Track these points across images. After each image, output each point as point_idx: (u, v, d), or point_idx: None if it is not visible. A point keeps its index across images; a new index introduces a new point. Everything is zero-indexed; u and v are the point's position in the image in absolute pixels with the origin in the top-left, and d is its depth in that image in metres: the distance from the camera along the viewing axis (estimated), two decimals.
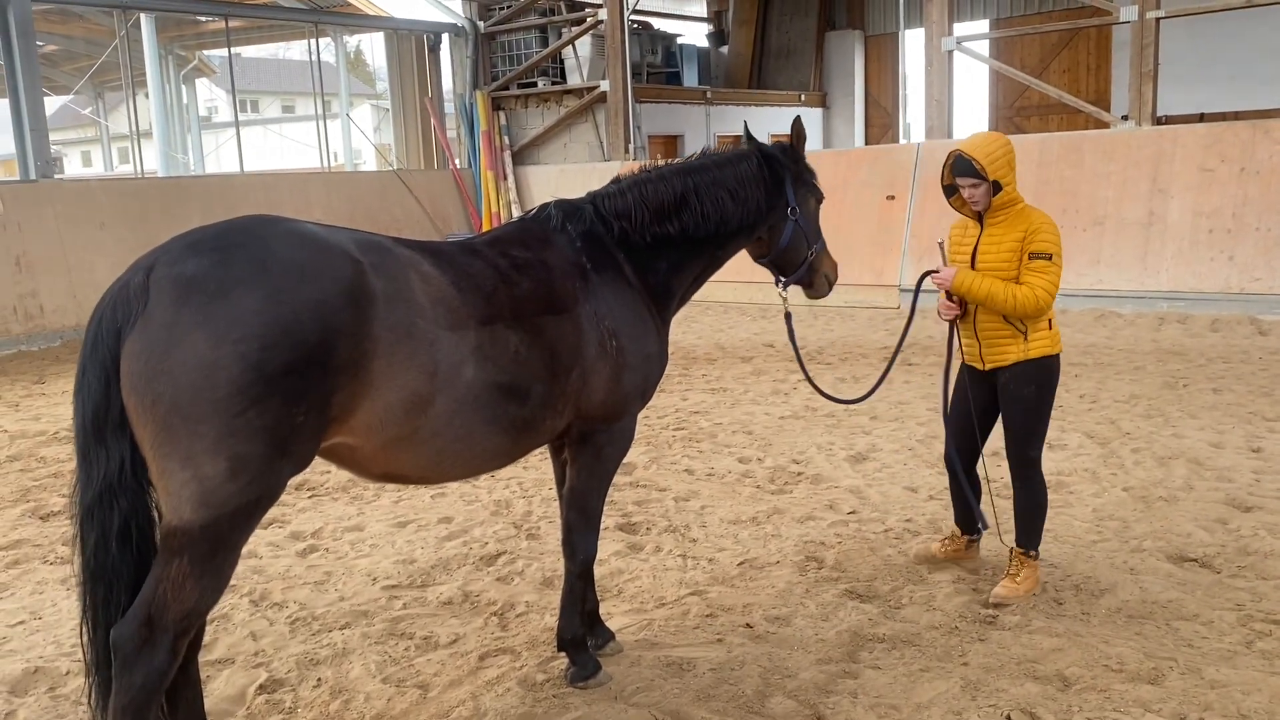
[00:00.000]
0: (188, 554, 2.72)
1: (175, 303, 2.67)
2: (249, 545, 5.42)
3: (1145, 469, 6.16)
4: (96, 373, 2.73)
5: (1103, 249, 12.36)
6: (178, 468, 2.68)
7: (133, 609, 2.78)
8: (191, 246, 2.79)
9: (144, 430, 2.69)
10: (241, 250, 2.78)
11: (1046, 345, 4.37)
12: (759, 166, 4.00)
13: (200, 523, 2.70)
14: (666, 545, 5.23)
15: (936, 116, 14.43)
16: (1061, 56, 21.62)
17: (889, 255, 13.67)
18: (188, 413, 2.64)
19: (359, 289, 2.89)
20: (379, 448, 3.06)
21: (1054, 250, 4.27)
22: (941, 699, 3.58)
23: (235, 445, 2.67)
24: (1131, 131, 12.87)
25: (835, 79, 24.85)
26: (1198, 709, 3.44)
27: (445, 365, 3.08)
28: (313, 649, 4.20)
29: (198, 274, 2.70)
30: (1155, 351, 9.81)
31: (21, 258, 12.83)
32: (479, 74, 19.51)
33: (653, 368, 3.81)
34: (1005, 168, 4.30)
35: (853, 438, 7.18)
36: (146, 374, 2.65)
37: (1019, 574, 4.42)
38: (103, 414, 2.73)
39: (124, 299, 2.72)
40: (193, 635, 2.92)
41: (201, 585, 2.76)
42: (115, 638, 2.76)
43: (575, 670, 3.82)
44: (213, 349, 2.64)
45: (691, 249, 3.91)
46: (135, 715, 2.74)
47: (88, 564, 2.83)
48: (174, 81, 26.09)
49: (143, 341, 2.66)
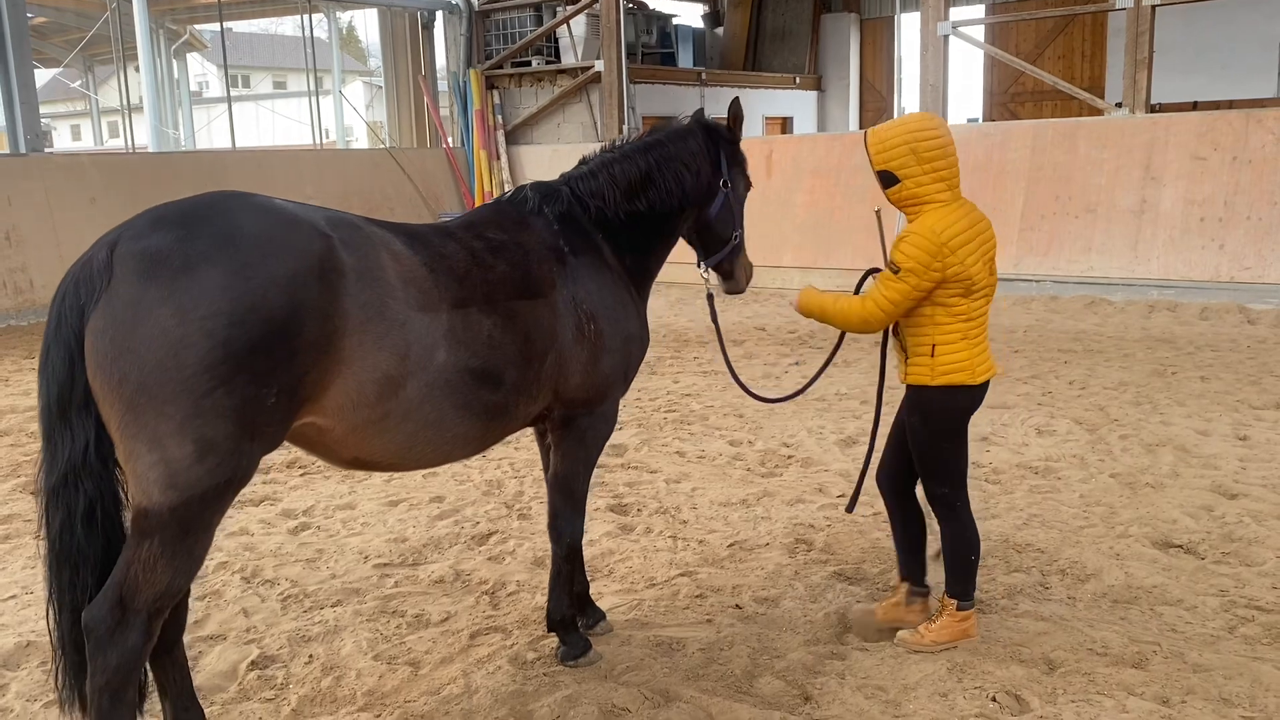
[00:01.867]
0: (158, 536, 2.69)
1: (139, 279, 2.61)
2: (240, 522, 5.43)
3: (1133, 455, 6.20)
4: (61, 353, 2.68)
5: (1095, 236, 12.40)
6: (145, 450, 2.64)
7: (104, 590, 2.75)
8: (156, 221, 2.73)
9: (110, 411, 2.65)
10: (207, 225, 2.73)
11: (925, 374, 3.73)
12: (704, 140, 3.98)
13: (169, 505, 2.67)
14: (657, 526, 5.26)
15: (931, 101, 14.42)
16: (1057, 43, 21.61)
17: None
18: (154, 393, 2.59)
19: (329, 264, 2.84)
20: (349, 430, 3.01)
21: (906, 263, 3.59)
22: (928, 680, 3.62)
23: (203, 426, 2.63)
24: (1125, 119, 12.89)
25: (830, 62, 24.79)
26: (1180, 693, 3.49)
27: (417, 348, 3.04)
28: (304, 626, 4.22)
29: (162, 249, 2.65)
30: (1145, 339, 9.86)
31: (11, 232, 12.75)
32: (473, 52, 19.39)
33: (633, 349, 3.81)
34: (902, 158, 3.64)
35: (843, 422, 7.22)
36: (111, 352, 2.60)
37: (936, 620, 3.90)
38: (67, 394, 2.68)
39: (87, 276, 2.66)
40: (168, 615, 2.89)
41: (174, 566, 2.73)
42: (88, 620, 2.74)
43: (565, 649, 3.85)
44: (179, 325, 2.59)
45: (657, 226, 3.92)
46: (112, 696, 2.73)
47: (53, 545, 2.79)
48: (165, 55, 25.88)
49: (107, 319, 2.61)
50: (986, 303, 3.72)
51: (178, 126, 25.78)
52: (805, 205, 14.41)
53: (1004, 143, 13.31)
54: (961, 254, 3.59)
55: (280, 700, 3.65)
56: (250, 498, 5.80)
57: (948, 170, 3.66)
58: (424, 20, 19.87)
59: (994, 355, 3.88)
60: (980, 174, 13.21)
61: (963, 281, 3.61)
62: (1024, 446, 6.47)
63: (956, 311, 3.66)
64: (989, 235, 3.71)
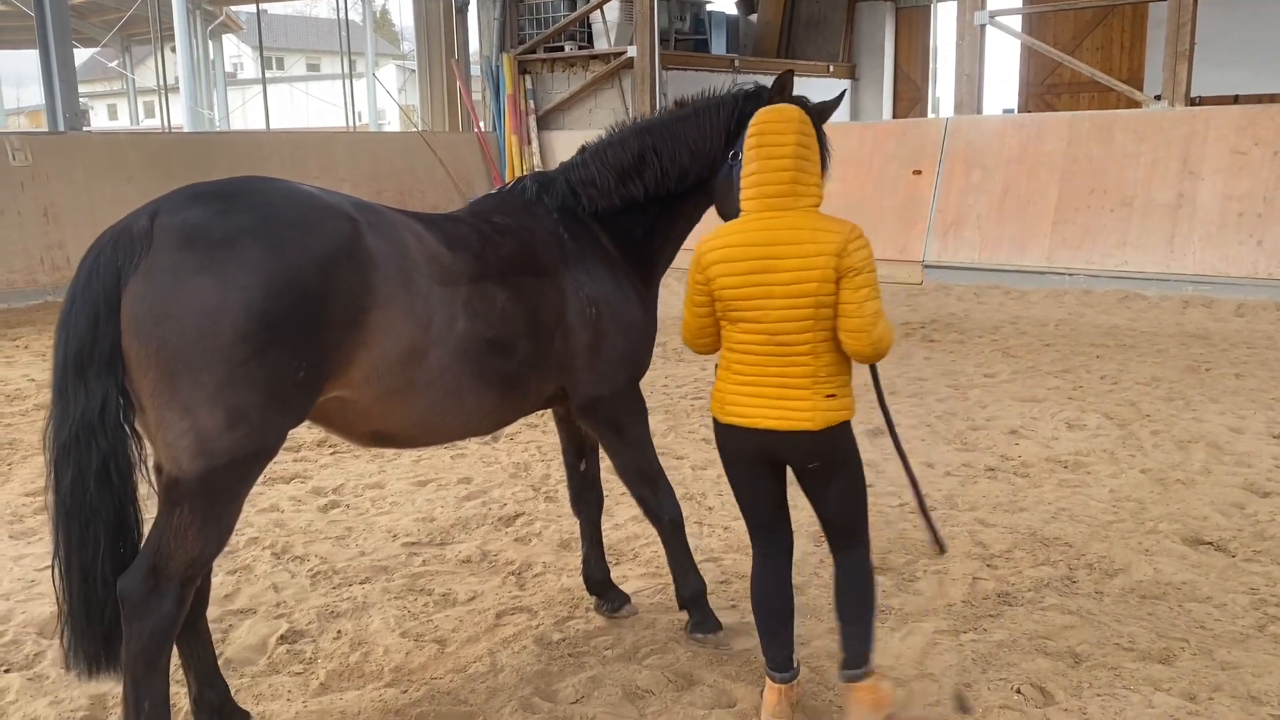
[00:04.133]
0: (187, 504, 2.75)
1: (181, 247, 2.69)
2: (271, 499, 5.50)
3: (1164, 451, 6.15)
4: (86, 308, 2.71)
5: (1130, 230, 12.25)
6: (176, 418, 2.69)
7: (137, 560, 2.81)
8: (195, 196, 2.82)
9: (145, 378, 2.70)
10: (244, 202, 2.82)
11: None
12: (729, 114, 3.71)
13: (198, 473, 2.73)
14: (683, 512, 5.26)
15: (966, 91, 14.29)
16: (1095, 34, 21.32)
17: (913, 230, 13.59)
18: (191, 359, 2.65)
19: (357, 244, 2.94)
20: (374, 400, 3.08)
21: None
22: (952, 670, 3.62)
23: (234, 396, 2.69)
24: (1164, 111, 12.71)
25: (865, 51, 24.59)
26: (1208, 689, 3.46)
27: (439, 318, 3.14)
28: (333, 602, 4.27)
29: (203, 222, 2.73)
30: (1179, 335, 9.75)
31: (49, 209, 12.92)
32: (506, 37, 19.40)
33: (637, 335, 3.78)
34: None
35: (870, 412, 7.16)
36: (151, 318, 2.66)
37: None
38: (88, 350, 2.71)
39: (126, 239, 2.72)
40: (199, 584, 2.94)
41: (204, 535, 2.79)
42: (122, 588, 2.79)
43: (694, 624, 3.90)
44: (218, 294, 2.66)
45: (660, 208, 3.84)
46: (147, 663, 2.80)
47: (63, 502, 2.79)
48: (201, 36, 26.10)
49: (147, 285, 2.67)
50: (752, 338, 3.07)
51: (212, 107, 26.00)
52: (837, 194, 14.22)
53: (1039, 135, 13.17)
54: (715, 271, 3.08)
55: (309, 674, 3.71)
56: (281, 475, 5.88)
57: (756, 175, 3.07)
58: (458, 4, 19.89)
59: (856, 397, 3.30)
60: (1014, 166, 13.09)
61: (723, 303, 3.12)
62: (1053, 440, 6.43)
63: (726, 335, 3.20)
64: (776, 265, 3.00)
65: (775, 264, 3.00)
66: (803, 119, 3.09)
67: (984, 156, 13.34)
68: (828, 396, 3.07)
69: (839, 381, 3.12)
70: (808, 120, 3.11)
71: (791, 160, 3.02)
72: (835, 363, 3.09)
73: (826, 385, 3.08)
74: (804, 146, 3.06)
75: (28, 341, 10.17)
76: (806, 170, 3.06)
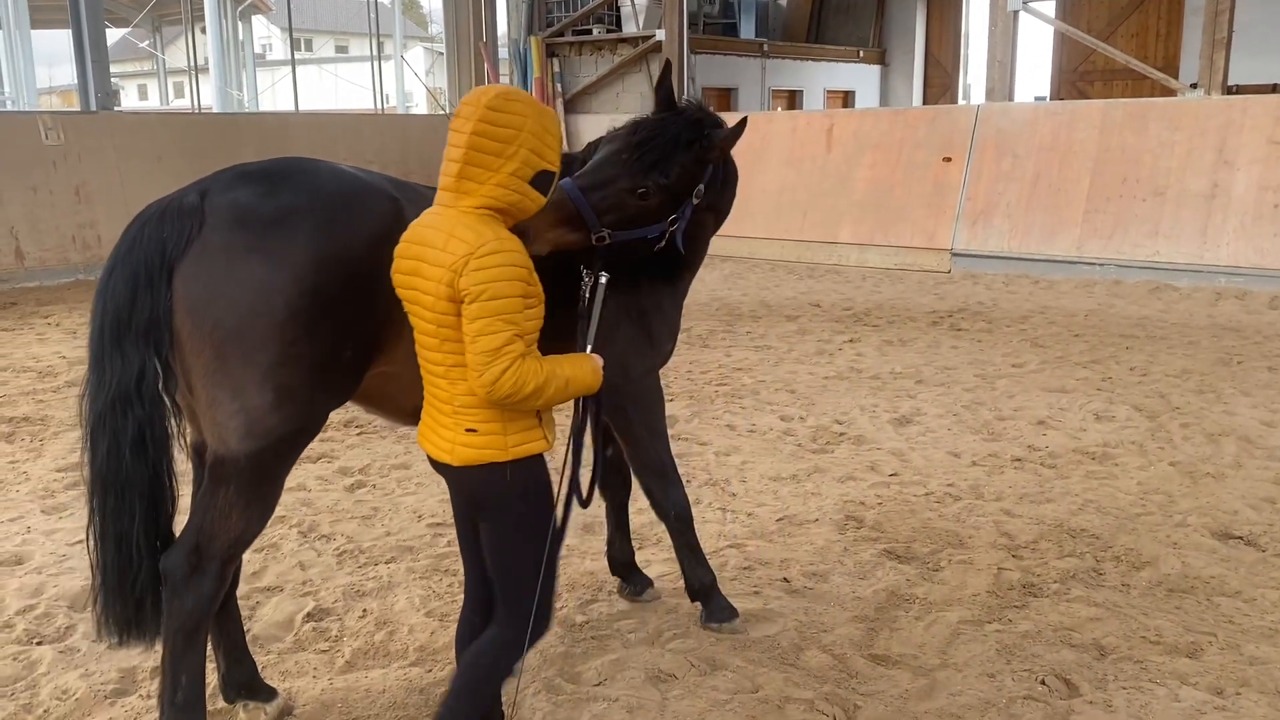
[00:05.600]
0: (233, 484, 2.78)
1: (232, 227, 2.71)
2: (298, 478, 5.54)
3: (1194, 444, 6.09)
4: (126, 275, 2.70)
5: (1162, 220, 12.10)
6: (228, 398, 2.71)
7: (180, 538, 2.85)
8: (243, 176, 2.84)
9: (198, 358, 2.72)
10: (292, 182, 2.84)
11: None
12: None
13: (246, 452, 2.75)
14: (706, 498, 5.27)
15: (998, 78, 14.14)
16: (1130, 20, 21.03)
17: (942, 218, 13.49)
18: (245, 338, 2.67)
19: (401, 223, 2.93)
20: (416, 375, 3.09)
21: None
22: (976, 660, 3.61)
23: (284, 375, 2.72)
24: (1200, 100, 12.53)
25: (895, 36, 24.39)
26: (1235, 684, 3.43)
27: None
28: (359, 581, 4.31)
29: (253, 201, 2.76)
30: (1210, 327, 9.63)
31: (81, 188, 13.05)
32: (534, 19, 19.36)
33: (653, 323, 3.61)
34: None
35: (897, 400, 7.16)
36: (205, 297, 2.68)
37: None
38: (125, 317, 2.69)
39: (175, 213, 2.73)
40: (239, 563, 2.98)
41: (247, 514, 2.82)
42: (165, 566, 2.83)
43: (708, 614, 3.86)
44: (271, 272, 2.68)
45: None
46: (187, 638, 2.84)
47: (99, 471, 2.78)
48: (231, 17, 26.20)
49: (199, 265, 2.69)
50: (421, 349, 2.67)
51: (242, 88, 26.11)
52: (865, 180, 14.24)
53: (1071, 122, 13.01)
54: (393, 265, 2.70)
55: (334, 652, 3.74)
56: (308, 455, 5.92)
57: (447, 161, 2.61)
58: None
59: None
60: (1046, 154, 12.95)
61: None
62: (1081, 431, 6.38)
63: None
64: (420, 270, 2.57)
65: (420, 268, 2.57)
66: (499, 106, 2.53)
67: (1015, 144, 13.21)
68: (467, 430, 2.60)
69: (484, 416, 2.59)
70: (511, 111, 2.54)
71: (463, 151, 2.53)
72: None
73: (466, 417, 2.60)
74: (487, 138, 2.51)
75: (59, 319, 10.29)
76: (482, 165, 2.52)
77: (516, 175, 2.54)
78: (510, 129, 2.52)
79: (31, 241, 12.52)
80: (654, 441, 3.74)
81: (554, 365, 2.59)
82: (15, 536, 4.79)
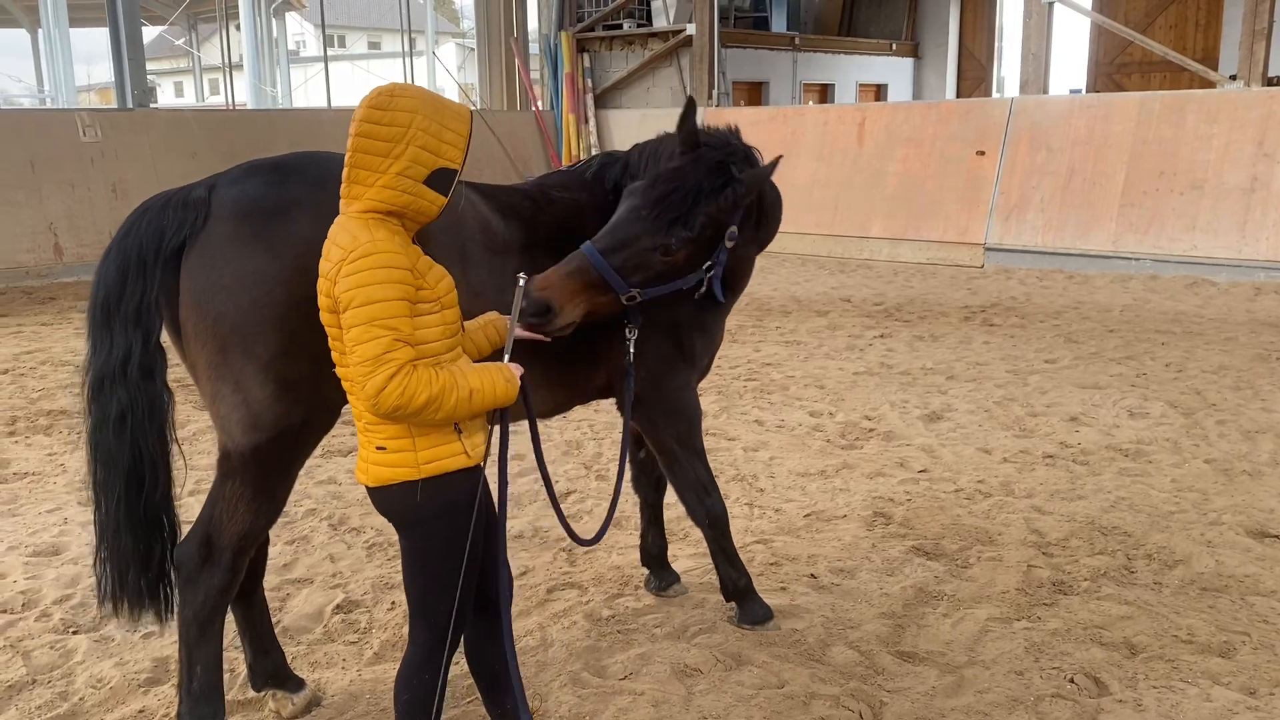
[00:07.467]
0: (239, 477, 2.80)
1: (234, 219, 2.73)
2: (328, 472, 5.60)
3: (1230, 441, 6.00)
4: (117, 259, 2.74)
5: (1199, 214, 11.92)
6: (230, 391, 2.74)
7: (192, 529, 2.89)
8: (251, 170, 2.87)
9: (201, 351, 2.74)
10: (300, 173, 2.86)
11: None
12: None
13: (250, 445, 2.77)
14: (734, 493, 5.27)
15: (1032, 71, 13.99)
16: (1169, 11, 20.72)
17: (975, 212, 13.37)
18: (245, 330, 2.68)
19: None
20: None
21: None
22: (1004, 658, 3.58)
23: (286, 367, 2.72)
24: (1239, 92, 12.33)
25: (929, 29, 24.18)
26: (1269, 685, 3.39)
27: (491, 288, 3.13)
28: (387, 574, 4.34)
29: (257, 193, 2.78)
30: (1249, 322, 9.49)
31: (117, 184, 13.23)
32: (565, 15, 19.39)
33: (690, 335, 3.53)
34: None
35: (927, 397, 7.11)
36: (208, 289, 2.70)
37: None
38: (114, 299, 2.73)
39: (179, 202, 2.77)
40: (253, 554, 2.98)
41: (255, 507, 2.84)
42: (178, 556, 2.88)
43: (741, 614, 3.84)
44: (272, 263, 2.69)
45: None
46: (200, 628, 2.88)
47: (91, 442, 2.85)
48: (265, 15, 26.43)
49: (202, 257, 2.71)
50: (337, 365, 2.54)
51: (275, 85, 26.35)
52: (897, 175, 14.14)
53: (1107, 115, 12.85)
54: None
55: (363, 644, 3.78)
56: (338, 448, 5.97)
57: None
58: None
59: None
60: (1081, 148, 12.79)
61: None
62: (1114, 428, 6.30)
63: None
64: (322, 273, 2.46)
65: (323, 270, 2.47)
66: (382, 105, 2.40)
67: (1049, 137, 13.06)
68: (377, 448, 2.48)
69: (391, 432, 2.46)
70: (396, 109, 2.40)
71: (350, 154, 2.42)
72: None
73: (375, 434, 2.48)
74: (370, 138, 2.39)
75: None
76: (367, 167, 2.40)
77: (406, 175, 2.39)
78: (396, 127, 2.38)
79: (70, 237, 12.72)
80: (688, 456, 3.64)
81: (455, 376, 2.42)
82: (53, 527, 4.87)
